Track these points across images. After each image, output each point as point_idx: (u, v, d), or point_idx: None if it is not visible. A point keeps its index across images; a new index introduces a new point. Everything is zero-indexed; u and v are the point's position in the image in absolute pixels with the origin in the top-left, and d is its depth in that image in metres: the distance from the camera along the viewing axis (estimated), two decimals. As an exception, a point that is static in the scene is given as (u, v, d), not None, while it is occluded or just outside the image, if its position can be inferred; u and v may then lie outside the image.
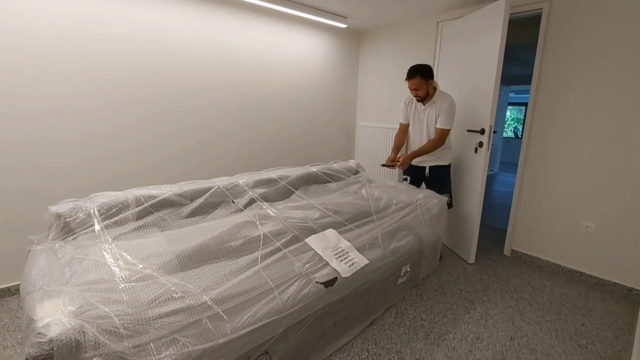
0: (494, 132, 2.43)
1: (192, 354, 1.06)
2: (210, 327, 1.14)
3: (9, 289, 2.06)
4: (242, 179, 2.06)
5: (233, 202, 1.91)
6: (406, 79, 2.31)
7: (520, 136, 10.08)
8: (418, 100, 2.40)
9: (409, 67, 2.31)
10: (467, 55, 2.57)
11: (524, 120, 2.56)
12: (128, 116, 2.30)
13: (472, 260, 2.61)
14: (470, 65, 2.53)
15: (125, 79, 2.25)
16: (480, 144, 2.39)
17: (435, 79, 2.38)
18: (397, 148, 2.57)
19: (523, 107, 9.93)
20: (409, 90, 2.37)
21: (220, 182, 1.97)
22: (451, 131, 2.37)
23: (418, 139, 2.51)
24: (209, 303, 1.18)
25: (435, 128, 2.36)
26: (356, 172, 2.66)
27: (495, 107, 2.32)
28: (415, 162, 2.49)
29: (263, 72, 2.97)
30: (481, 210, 2.49)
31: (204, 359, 1.09)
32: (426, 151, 2.38)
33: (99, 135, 2.20)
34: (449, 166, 2.54)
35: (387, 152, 3.42)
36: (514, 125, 10.27)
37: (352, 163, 2.76)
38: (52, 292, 1.05)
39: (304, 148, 3.47)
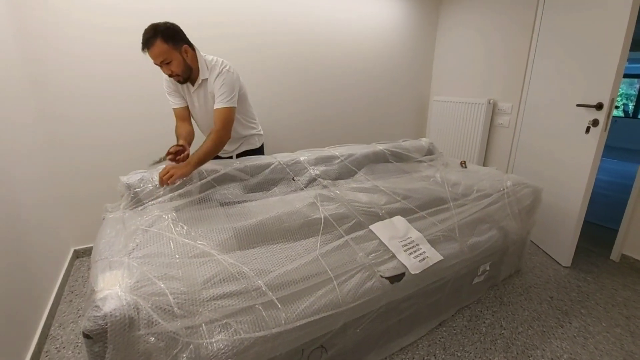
0: (616, 107, 1.92)
1: (244, 341, 1.00)
2: (264, 314, 1.06)
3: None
4: (304, 156, 1.94)
5: (293, 179, 1.80)
6: (143, 49, 1.45)
7: (631, 115, 8.35)
8: (179, 81, 1.60)
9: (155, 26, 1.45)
10: (579, 22, 2.03)
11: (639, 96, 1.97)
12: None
13: (567, 262, 2.19)
14: (584, 28, 1.99)
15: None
16: (595, 123, 1.91)
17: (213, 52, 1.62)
18: (186, 139, 1.66)
19: (636, 80, 8.09)
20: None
21: (281, 157, 1.88)
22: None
23: (207, 133, 1.73)
24: (263, 288, 1.10)
25: (215, 111, 1.59)
26: (429, 152, 2.37)
27: (621, 74, 1.81)
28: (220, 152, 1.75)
29: (325, 41, 2.74)
30: (587, 204, 2.04)
31: (255, 347, 1.02)
32: (211, 152, 1.55)
33: (158, 111, 2.21)
34: (261, 149, 2.00)
35: (465, 130, 3.03)
36: (623, 102, 8.51)
37: (424, 142, 2.46)
38: (115, 263, 1.05)
39: (368, 124, 3.22)
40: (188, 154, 1.55)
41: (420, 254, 1.41)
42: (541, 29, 2.39)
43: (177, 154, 1.51)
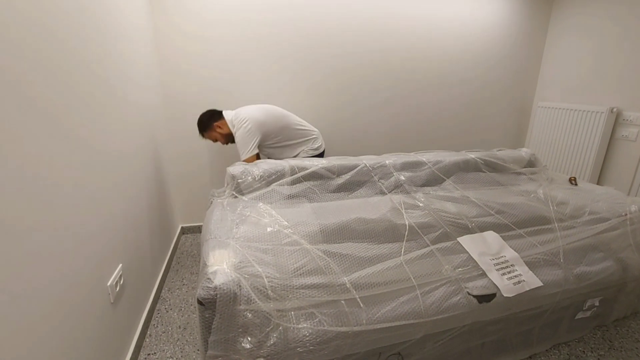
0: None
1: (327, 333, 1.05)
2: (347, 311, 1.10)
3: (199, 227, 2.62)
4: (389, 160, 1.93)
5: (378, 183, 1.81)
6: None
7: None
8: (230, 143, 2.12)
9: None
10: None
11: None
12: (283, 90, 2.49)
13: None
14: None
15: (275, 48, 2.41)
16: None
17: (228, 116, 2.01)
18: None
19: None
20: None
21: (367, 160, 1.90)
22: None
23: None
24: (347, 285, 1.14)
25: None
26: (530, 164, 2.14)
27: None
28: None
29: (415, 40, 2.66)
30: None
31: (336, 341, 1.06)
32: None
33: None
34: (321, 154, 2.23)
35: (576, 142, 2.65)
36: None
37: (524, 152, 2.22)
38: (222, 243, 1.20)
39: (458, 130, 3.04)
40: None
41: (516, 276, 1.29)
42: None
43: None
